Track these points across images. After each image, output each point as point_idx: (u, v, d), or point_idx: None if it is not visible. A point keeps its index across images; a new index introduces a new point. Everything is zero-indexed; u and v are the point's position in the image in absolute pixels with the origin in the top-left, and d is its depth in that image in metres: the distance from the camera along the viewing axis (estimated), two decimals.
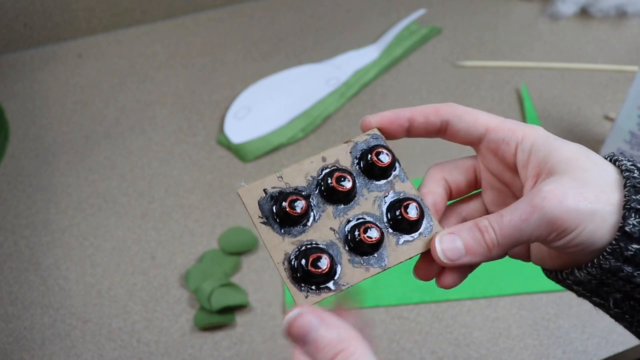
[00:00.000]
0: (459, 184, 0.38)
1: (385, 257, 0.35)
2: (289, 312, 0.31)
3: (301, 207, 0.34)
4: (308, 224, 0.35)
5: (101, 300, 0.66)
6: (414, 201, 0.35)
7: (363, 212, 0.36)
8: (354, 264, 0.34)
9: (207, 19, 1.00)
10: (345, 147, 0.37)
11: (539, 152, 0.34)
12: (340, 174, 0.35)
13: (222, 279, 0.65)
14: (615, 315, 0.35)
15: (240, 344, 0.62)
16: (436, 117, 0.36)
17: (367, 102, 0.86)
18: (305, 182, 0.36)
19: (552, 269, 0.36)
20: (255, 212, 0.35)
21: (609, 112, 0.82)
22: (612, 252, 0.31)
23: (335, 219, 0.35)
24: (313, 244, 0.34)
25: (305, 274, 0.33)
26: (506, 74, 0.89)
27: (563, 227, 0.31)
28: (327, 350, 0.30)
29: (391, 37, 0.92)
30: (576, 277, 0.34)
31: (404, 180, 0.37)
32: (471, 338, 0.62)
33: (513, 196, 0.38)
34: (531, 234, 0.32)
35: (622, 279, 0.31)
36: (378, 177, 0.37)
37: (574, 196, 0.31)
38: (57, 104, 0.87)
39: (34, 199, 0.75)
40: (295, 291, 0.33)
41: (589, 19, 0.98)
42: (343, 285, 0.34)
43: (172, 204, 0.74)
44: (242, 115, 0.83)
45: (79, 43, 0.96)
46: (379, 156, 0.36)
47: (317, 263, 0.33)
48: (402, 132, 0.37)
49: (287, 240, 0.34)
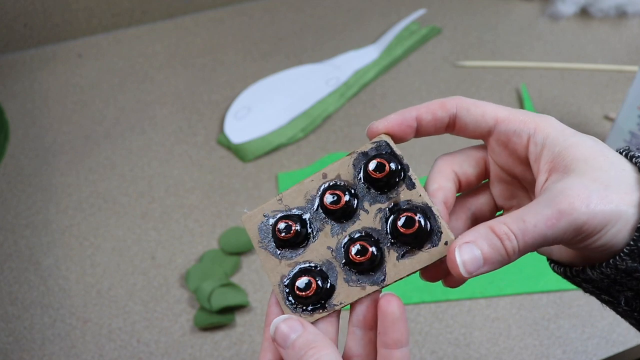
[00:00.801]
0: (469, 177, 0.36)
1: (384, 274, 0.33)
2: (278, 317, 0.34)
3: (290, 230, 0.34)
4: (307, 245, 0.35)
5: (101, 300, 0.66)
6: (419, 212, 0.33)
7: (363, 227, 0.34)
8: (349, 282, 0.34)
9: (207, 19, 1.00)
10: (347, 160, 0.35)
11: (554, 147, 0.32)
12: (331, 192, 0.34)
13: (222, 279, 0.65)
14: (623, 313, 0.35)
15: (240, 344, 0.62)
16: (443, 112, 0.35)
17: (367, 102, 0.86)
18: (305, 202, 0.35)
19: (560, 261, 0.35)
20: (255, 237, 0.35)
21: (609, 112, 0.82)
22: (630, 253, 0.30)
23: (333, 237, 0.34)
24: (307, 265, 0.34)
25: (294, 296, 0.34)
26: (506, 74, 0.89)
27: (588, 231, 0.30)
28: (302, 347, 0.32)
29: (391, 37, 0.92)
30: (588, 276, 0.33)
31: (411, 187, 0.34)
32: (471, 338, 0.62)
33: (523, 189, 0.37)
34: (555, 239, 0.30)
35: (636, 279, 0.31)
36: (381, 188, 0.34)
37: (599, 199, 0.30)
38: (57, 104, 0.87)
39: (34, 199, 0.75)
40: (289, 312, 0.34)
41: (589, 19, 0.98)
42: (337, 305, 0.34)
43: (172, 204, 0.74)
44: (242, 115, 0.83)
45: (79, 43, 0.96)
46: (374, 167, 0.34)
47: (303, 285, 0.33)
48: (411, 133, 0.35)
49: (283, 262, 0.35)
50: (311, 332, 0.32)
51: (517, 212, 0.30)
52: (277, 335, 0.33)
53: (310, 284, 0.33)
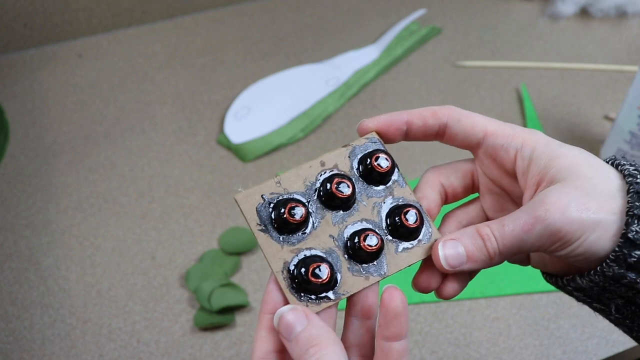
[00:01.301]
0: (456, 188, 0.38)
1: (385, 265, 0.34)
2: (283, 307, 0.32)
3: (301, 214, 0.33)
4: (307, 231, 0.34)
5: (101, 300, 0.66)
6: (414, 207, 0.35)
7: (362, 218, 0.35)
8: (353, 272, 0.34)
9: (207, 19, 1.00)
10: (344, 152, 0.36)
11: (539, 160, 0.33)
12: (340, 180, 0.34)
13: (222, 279, 0.65)
14: (615, 321, 0.35)
15: (240, 344, 0.62)
16: (434, 120, 0.36)
17: (367, 102, 0.86)
18: (304, 188, 0.35)
19: (553, 274, 0.36)
20: (253, 219, 0.34)
21: (609, 112, 0.82)
22: (616, 260, 0.30)
23: (335, 225, 0.34)
24: (312, 252, 0.34)
25: (305, 283, 0.32)
26: (506, 74, 0.89)
27: (566, 238, 0.31)
28: (304, 343, 0.30)
29: (391, 37, 0.92)
30: (578, 284, 0.33)
31: (402, 185, 0.36)
32: (471, 338, 0.62)
33: (512, 201, 0.37)
34: (533, 244, 0.31)
35: (625, 286, 0.31)
36: (377, 183, 0.36)
37: (576, 207, 0.30)
38: (57, 104, 0.87)
39: (34, 199, 0.75)
40: (295, 301, 0.33)
41: (589, 19, 0.98)
42: (342, 294, 0.33)
43: (172, 204, 0.74)
44: (242, 115, 0.83)
45: (79, 43, 0.96)
46: (379, 161, 0.35)
47: (317, 272, 0.32)
48: (399, 136, 0.36)
49: (285, 248, 0.33)
50: (315, 326, 0.31)
51: (501, 218, 0.32)
52: (282, 326, 0.31)
53: (325, 271, 0.32)
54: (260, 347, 0.33)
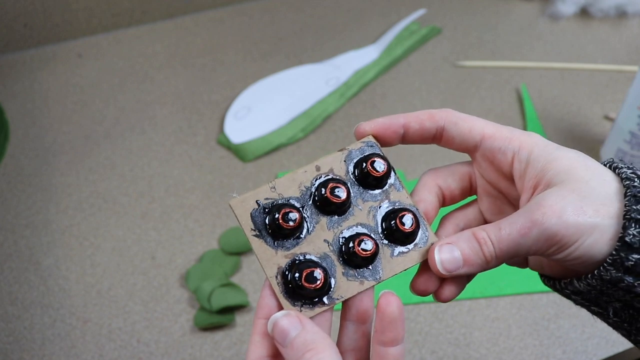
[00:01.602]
0: (453, 191, 0.38)
1: (380, 269, 0.34)
2: (276, 313, 0.32)
3: (295, 219, 0.33)
4: (302, 236, 0.34)
5: (101, 300, 0.66)
6: (409, 212, 0.35)
7: (358, 223, 0.35)
8: (348, 277, 0.34)
9: (207, 19, 1.00)
10: (340, 156, 0.36)
11: (536, 163, 0.33)
12: (334, 185, 0.34)
13: (222, 279, 0.65)
14: (613, 324, 0.35)
15: (240, 344, 0.62)
16: (431, 123, 0.36)
17: (367, 102, 0.86)
18: (299, 193, 0.35)
19: (551, 276, 0.36)
20: (248, 224, 0.34)
21: (609, 112, 0.82)
22: (613, 263, 0.30)
23: (329, 230, 0.34)
24: (306, 257, 0.34)
25: (299, 288, 0.32)
26: (506, 74, 0.89)
27: (562, 242, 0.31)
28: (300, 348, 0.30)
29: (391, 37, 0.92)
30: (575, 288, 0.33)
31: (399, 189, 0.36)
32: (471, 338, 0.62)
33: (509, 204, 0.37)
34: (530, 248, 0.31)
35: (622, 289, 0.31)
36: (373, 187, 0.36)
37: (573, 210, 0.30)
38: (57, 104, 0.87)
39: (34, 199, 0.75)
40: (289, 306, 0.33)
41: (589, 19, 0.98)
42: (337, 299, 0.33)
43: (172, 204, 0.74)
44: (242, 115, 0.83)
45: (79, 43, 0.96)
46: (374, 165, 0.35)
47: (311, 277, 0.32)
48: (396, 139, 0.36)
49: (280, 253, 0.34)
50: (309, 331, 0.31)
51: (498, 222, 0.32)
52: (277, 332, 0.31)
53: (319, 276, 0.32)
54: (255, 352, 0.33)
